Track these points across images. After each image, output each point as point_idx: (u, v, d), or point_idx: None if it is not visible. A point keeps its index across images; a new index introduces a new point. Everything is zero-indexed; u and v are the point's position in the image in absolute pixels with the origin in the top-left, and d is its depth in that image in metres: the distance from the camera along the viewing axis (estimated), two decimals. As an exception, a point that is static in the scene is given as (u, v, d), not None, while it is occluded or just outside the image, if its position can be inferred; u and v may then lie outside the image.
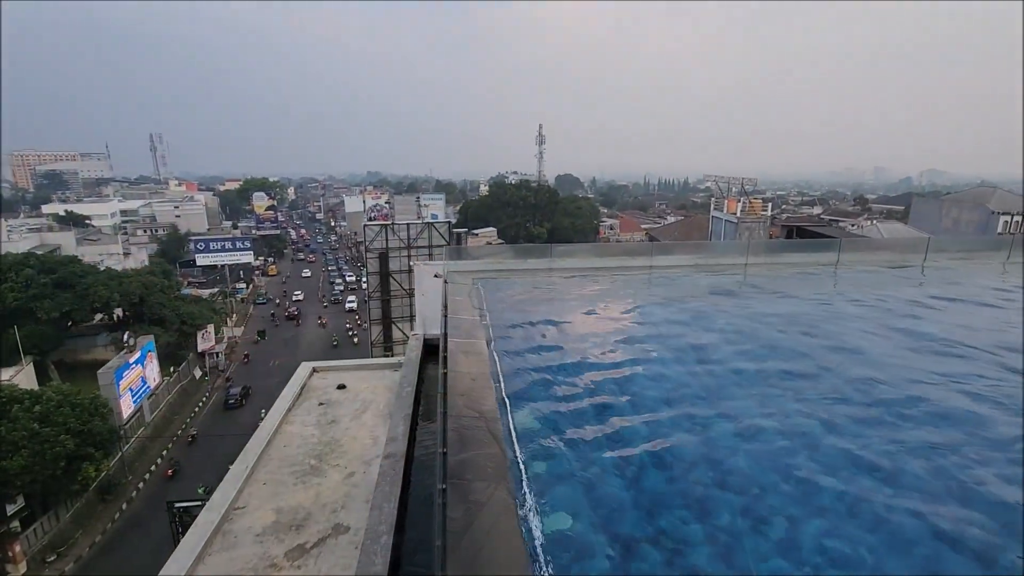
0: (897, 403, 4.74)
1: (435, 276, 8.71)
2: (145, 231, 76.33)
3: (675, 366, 5.58)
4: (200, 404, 38.41)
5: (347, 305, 59.40)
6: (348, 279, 70.60)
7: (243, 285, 65.58)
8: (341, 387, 7.64)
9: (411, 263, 9.79)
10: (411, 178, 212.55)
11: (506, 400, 4.47)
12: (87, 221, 73.10)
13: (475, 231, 66.31)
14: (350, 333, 50.09)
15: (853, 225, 51.06)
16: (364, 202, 68.60)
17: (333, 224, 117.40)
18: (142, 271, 44.34)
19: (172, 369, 38.43)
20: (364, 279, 34.24)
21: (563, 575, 2.76)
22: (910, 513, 3.36)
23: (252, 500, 5.25)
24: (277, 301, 62.97)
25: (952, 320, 7.34)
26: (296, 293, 64.99)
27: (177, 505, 18.93)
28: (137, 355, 31.97)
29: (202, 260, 63.31)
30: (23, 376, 29.86)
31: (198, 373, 41.91)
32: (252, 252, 67.80)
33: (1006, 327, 6.90)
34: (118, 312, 40.13)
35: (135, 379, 31.50)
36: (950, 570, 3.00)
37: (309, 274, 78.01)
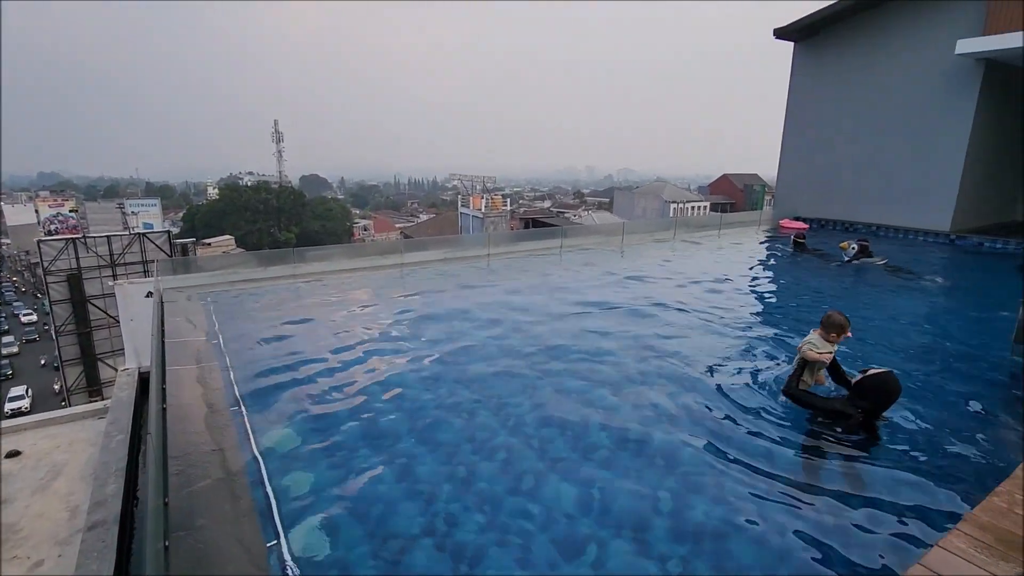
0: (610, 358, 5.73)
1: (147, 296, 7.25)
2: None
3: (431, 358, 5.73)
4: None
5: (9, 404, 30.87)
6: (26, 319, 52.34)
7: None
8: (13, 454, 5.77)
9: (114, 283, 7.92)
10: (108, 180, 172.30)
11: (247, 424, 3.97)
12: None
13: (207, 240, 57.59)
14: None
15: (575, 215, 60.25)
16: (37, 212, 52.71)
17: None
18: None
19: None
20: (48, 311, 26.67)
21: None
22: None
23: None
24: None
25: (641, 288, 9.20)
26: None
27: None
28: None
29: None
30: None
31: None
32: None
33: (674, 287, 8.96)
34: None
35: None
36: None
37: None
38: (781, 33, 16.64)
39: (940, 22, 13.51)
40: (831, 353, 4.36)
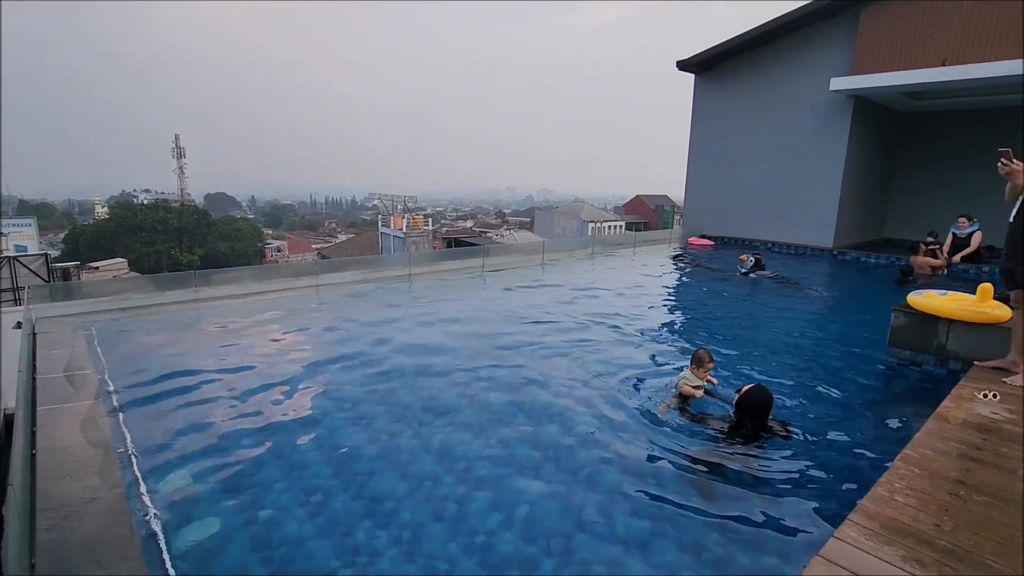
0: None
1: (16, 327, 6.42)
2: None
3: (346, 383, 5.48)
4: None
5: None
6: None
7: None
8: None
9: (-26, 314, 6.90)
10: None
11: (136, 468, 3.57)
12: None
13: (94, 264, 52.25)
14: None
15: (497, 234, 60.85)
16: None
17: None
18: None
19: None
20: None
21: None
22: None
23: None
24: None
25: (559, 297, 9.40)
26: None
27: None
28: None
29: None
30: None
31: None
32: None
33: (591, 301, 9.24)
34: None
35: None
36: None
37: None
38: (683, 65, 17.94)
39: (818, 60, 15.19)
40: (702, 387, 4.93)
